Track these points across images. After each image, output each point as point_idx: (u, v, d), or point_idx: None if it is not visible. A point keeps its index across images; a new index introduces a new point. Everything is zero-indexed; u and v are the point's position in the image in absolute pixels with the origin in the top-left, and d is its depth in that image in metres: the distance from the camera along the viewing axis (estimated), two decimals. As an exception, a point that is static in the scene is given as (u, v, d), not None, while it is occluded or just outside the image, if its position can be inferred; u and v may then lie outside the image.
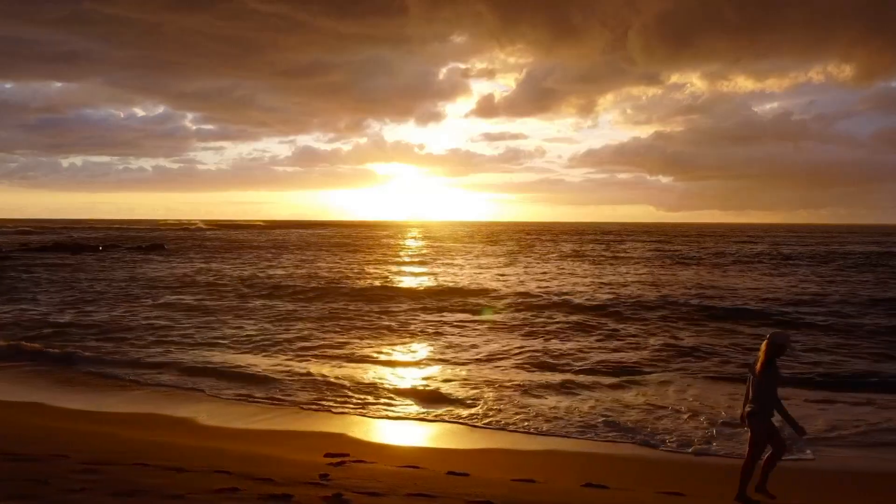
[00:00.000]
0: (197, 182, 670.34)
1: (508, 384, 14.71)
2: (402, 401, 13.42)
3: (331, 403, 13.28)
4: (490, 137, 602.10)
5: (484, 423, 12.02)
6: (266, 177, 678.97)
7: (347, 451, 9.42)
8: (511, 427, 11.81)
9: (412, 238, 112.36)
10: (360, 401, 13.38)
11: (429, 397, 13.64)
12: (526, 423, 11.97)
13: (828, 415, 12.53)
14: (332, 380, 15.03)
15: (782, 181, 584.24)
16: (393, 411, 12.78)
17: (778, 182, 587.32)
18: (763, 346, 7.65)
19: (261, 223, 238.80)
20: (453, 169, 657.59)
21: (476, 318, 24.10)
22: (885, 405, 13.31)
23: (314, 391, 14.17)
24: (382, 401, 13.40)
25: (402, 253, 66.34)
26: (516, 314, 24.88)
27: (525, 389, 14.27)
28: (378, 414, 12.64)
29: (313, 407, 13.05)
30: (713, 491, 8.50)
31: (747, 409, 7.71)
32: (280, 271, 41.95)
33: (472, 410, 12.70)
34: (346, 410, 12.83)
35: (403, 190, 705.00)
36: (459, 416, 12.39)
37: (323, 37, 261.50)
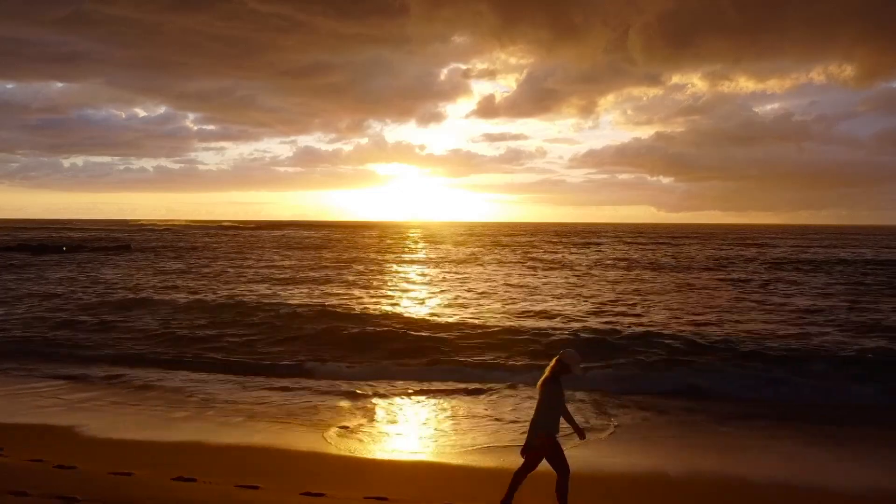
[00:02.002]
0: (198, 182, 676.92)
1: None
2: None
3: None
4: (491, 138, 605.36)
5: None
6: (267, 177, 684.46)
7: (2, 446, 9.75)
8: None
9: (392, 239, 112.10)
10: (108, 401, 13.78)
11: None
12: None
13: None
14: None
15: (783, 182, 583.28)
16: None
17: (779, 183, 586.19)
18: (551, 363, 7.68)
19: (234, 223, 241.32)
20: (454, 169, 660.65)
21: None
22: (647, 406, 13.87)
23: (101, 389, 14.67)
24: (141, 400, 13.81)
25: (344, 256, 65.29)
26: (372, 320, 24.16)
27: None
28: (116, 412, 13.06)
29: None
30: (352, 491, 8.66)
31: (531, 423, 7.73)
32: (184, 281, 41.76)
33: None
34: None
35: (404, 190, 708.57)
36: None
37: (323, 37, 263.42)
